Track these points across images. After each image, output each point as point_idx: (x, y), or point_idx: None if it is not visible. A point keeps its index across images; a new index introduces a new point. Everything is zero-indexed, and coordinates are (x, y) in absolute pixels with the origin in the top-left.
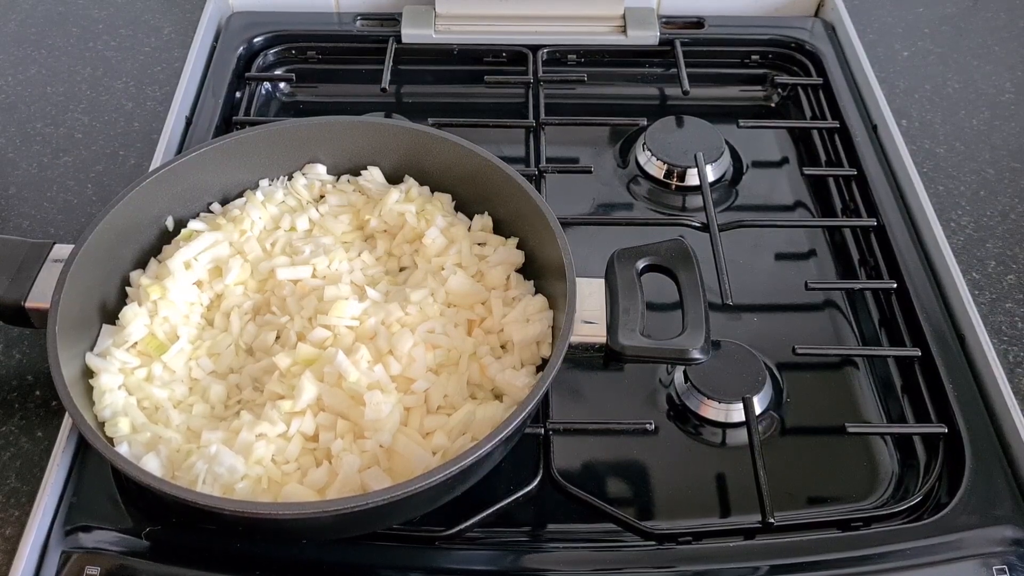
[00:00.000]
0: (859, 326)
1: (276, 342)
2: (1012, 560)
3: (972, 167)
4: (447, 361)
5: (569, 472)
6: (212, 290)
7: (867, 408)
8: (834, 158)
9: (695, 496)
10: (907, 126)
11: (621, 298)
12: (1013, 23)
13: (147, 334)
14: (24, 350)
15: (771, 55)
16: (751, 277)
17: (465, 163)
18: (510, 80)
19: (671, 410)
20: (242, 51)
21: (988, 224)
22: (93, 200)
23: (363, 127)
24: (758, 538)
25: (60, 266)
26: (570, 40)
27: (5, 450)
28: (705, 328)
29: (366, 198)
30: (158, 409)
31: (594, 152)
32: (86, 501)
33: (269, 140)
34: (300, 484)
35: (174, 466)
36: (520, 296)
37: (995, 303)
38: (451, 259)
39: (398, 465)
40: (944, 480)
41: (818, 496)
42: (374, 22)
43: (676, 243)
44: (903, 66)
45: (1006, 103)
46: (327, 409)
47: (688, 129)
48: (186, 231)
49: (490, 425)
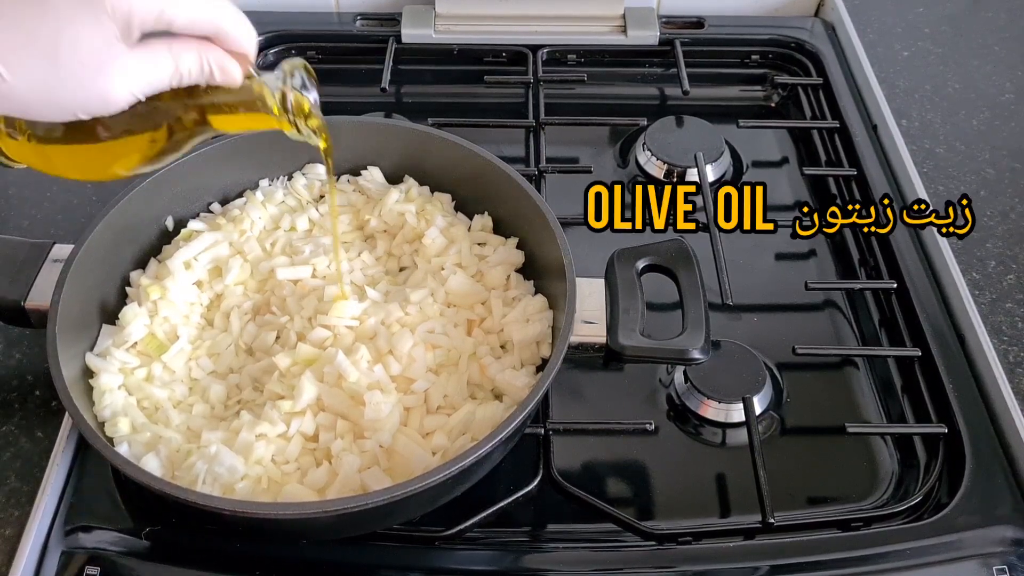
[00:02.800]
0: (859, 326)
1: (276, 342)
2: (1012, 560)
3: (972, 167)
4: (447, 361)
5: (569, 472)
6: (212, 290)
7: (867, 408)
8: (834, 158)
9: (695, 496)
10: (907, 126)
11: (621, 298)
12: (1013, 23)
13: (147, 334)
14: (24, 350)
15: (771, 55)
16: (751, 277)
17: (465, 163)
18: (510, 80)
19: (671, 410)
20: None
21: (988, 224)
22: (93, 200)
23: (363, 127)
24: (758, 538)
25: (60, 266)
26: (570, 40)
27: (5, 450)
28: (705, 328)
29: (366, 198)
30: (158, 409)
31: (594, 152)
32: (86, 501)
33: (269, 140)
34: (300, 484)
35: (174, 466)
36: (520, 296)
37: (995, 303)
38: (451, 259)
39: (398, 465)
40: (944, 480)
41: (818, 496)
42: (374, 22)
43: (676, 243)
44: (903, 66)
45: (1006, 103)
46: (327, 409)
47: (688, 129)
48: (186, 231)
49: (490, 425)
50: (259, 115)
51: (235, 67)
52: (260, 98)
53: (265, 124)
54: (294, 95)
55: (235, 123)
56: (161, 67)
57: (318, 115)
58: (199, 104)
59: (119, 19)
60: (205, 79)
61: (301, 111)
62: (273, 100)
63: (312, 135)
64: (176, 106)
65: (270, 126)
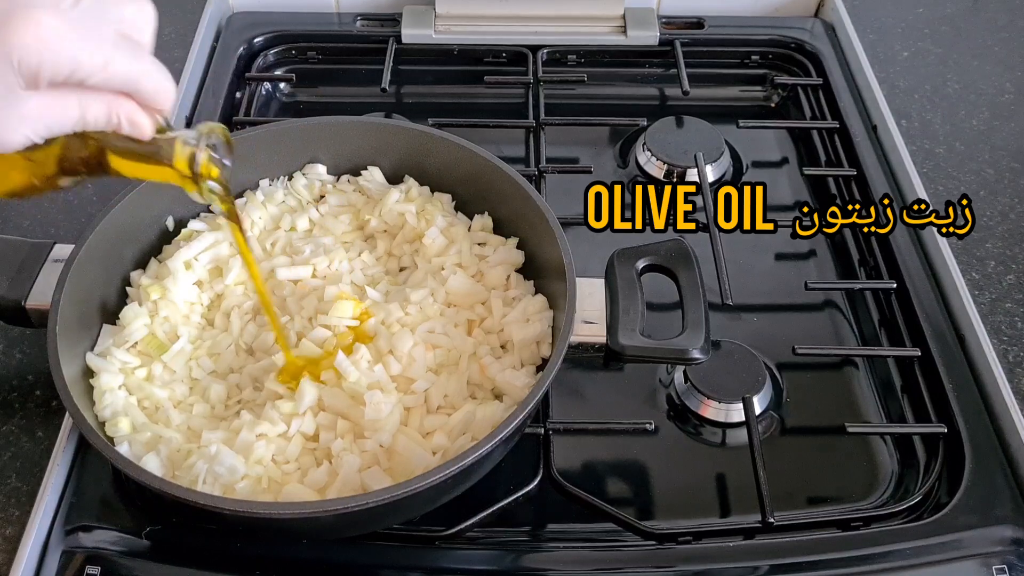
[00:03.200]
0: (859, 326)
1: (276, 342)
2: (1012, 560)
3: (972, 167)
4: (447, 361)
5: (569, 472)
6: (212, 290)
7: (867, 408)
8: (834, 158)
9: (695, 496)
10: (907, 126)
11: (621, 298)
12: (1013, 23)
13: (147, 334)
14: (24, 350)
15: (771, 55)
16: (751, 277)
17: (465, 163)
18: (510, 80)
19: (671, 410)
20: (242, 51)
21: (988, 224)
22: (93, 200)
23: (363, 127)
24: (758, 538)
25: (60, 266)
26: (570, 40)
27: (5, 450)
28: (705, 328)
29: (366, 198)
30: (158, 409)
31: (594, 152)
32: (86, 501)
33: (269, 140)
34: (300, 484)
35: (174, 466)
36: (520, 296)
37: (995, 303)
38: (451, 259)
39: (398, 465)
40: (944, 480)
41: (818, 496)
42: (374, 22)
43: (676, 243)
44: (903, 66)
45: (1006, 103)
46: (327, 409)
47: (688, 129)
48: (186, 231)
49: (490, 425)
50: (163, 168)
51: (145, 121)
52: (167, 154)
53: (167, 177)
54: (205, 156)
55: (136, 171)
56: (66, 115)
57: (225, 182)
58: (101, 146)
59: (25, 73)
60: (112, 129)
61: (209, 175)
62: (181, 158)
63: (215, 201)
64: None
65: (172, 180)
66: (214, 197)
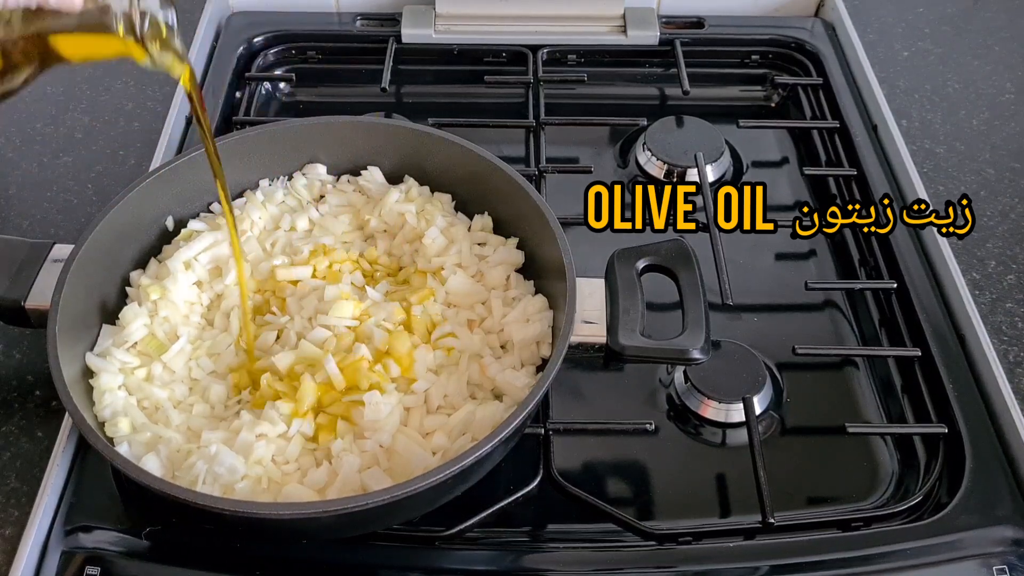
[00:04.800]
0: (859, 326)
1: (276, 342)
2: (1012, 560)
3: (972, 167)
4: (447, 361)
5: (569, 472)
6: (212, 290)
7: (867, 408)
8: (834, 158)
9: (695, 496)
10: (907, 126)
11: (621, 298)
12: (1013, 23)
13: (147, 334)
14: (24, 350)
15: (771, 55)
16: (751, 277)
17: (465, 163)
18: (510, 80)
19: (671, 410)
20: (242, 51)
21: (988, 224)
22: (93, 200)
23: (363, 127)
24: (758, 538)
25: (60, 266)
26: (570, 40)
27: (5, 450)
28: (705, 328)
29: (366, 198)
30: (158, 409)
31: (594, 152)
32: (86, 501)
33: (269, 140)
34: (300, 484)
35: (174, 466)
36: (520, 296)
37: (995, 303)
38: (451, 259)
39: (398, 465)
40: (944, 480)
41: (818, 496)
42: (374, 22)
43: (676, 243)
44: (903, 66)
45: (1006, 103)
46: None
47: (688, 129)
48: (186, 231)
49: (490, 425)
50: (106, 37)
51: None
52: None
53: (114, 48)
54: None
55: (80, 48)
56: None
57: (173, 38)
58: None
59: None
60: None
61: (157, 33)
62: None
63: (168, 60)
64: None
65: (119, 51)
66: (167, 57)
